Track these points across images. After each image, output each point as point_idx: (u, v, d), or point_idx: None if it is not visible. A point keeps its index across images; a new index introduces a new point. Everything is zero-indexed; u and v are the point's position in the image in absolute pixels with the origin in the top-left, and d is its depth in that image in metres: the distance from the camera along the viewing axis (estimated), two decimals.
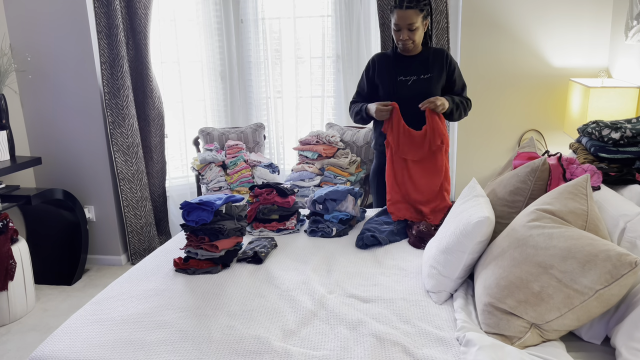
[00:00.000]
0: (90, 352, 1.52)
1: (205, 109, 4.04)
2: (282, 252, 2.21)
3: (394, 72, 2.60)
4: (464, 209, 1.85)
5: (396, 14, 2.45)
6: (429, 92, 2.54)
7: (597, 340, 1.51)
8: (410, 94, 2.55)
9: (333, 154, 3.52)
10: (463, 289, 1.78)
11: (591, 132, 2.17)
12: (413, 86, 2.56)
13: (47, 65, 3.37)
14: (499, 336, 1.51)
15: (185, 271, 2.03)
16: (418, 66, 2.58)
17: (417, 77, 2.57)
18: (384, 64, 2.64)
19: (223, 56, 3.94)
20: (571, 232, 1.49)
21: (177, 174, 4.07)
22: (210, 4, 3.83)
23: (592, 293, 1.38)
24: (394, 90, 2.58)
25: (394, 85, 2.58)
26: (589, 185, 1.64)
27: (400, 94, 2.57)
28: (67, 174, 3.54)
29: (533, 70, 3.23)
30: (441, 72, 2.57)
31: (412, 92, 2.56)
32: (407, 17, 2.43)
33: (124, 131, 3.41)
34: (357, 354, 1.49)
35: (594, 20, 3.09)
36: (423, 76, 2.57)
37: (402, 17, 2.44)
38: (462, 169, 3.44)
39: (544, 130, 3.31)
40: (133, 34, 3.42)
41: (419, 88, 2.56)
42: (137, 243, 3.60)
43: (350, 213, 2.47)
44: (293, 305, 1.76)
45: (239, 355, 1.50)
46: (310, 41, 3.86)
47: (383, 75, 2.64)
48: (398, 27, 2.47)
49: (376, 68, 2.66)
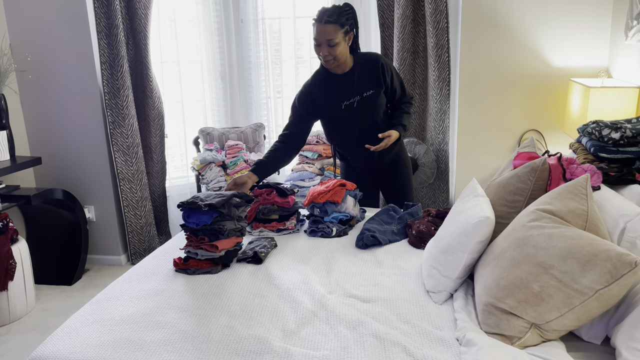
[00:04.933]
0: (90, 352, 1.52)
1: (205, 109, 4.04)
2: (282, 252, 2.21)
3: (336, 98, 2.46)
4: (464, 209, 1.85)
5: (315, 28, 2.30)
6: (376, 107, 2.47)
7: (597, 340, 1.51)
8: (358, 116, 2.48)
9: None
10: (463, 289, 1.78)
11: (591, 132, 2.17)
12: (359, 107, 2.47)
13: (47, 65, 3.37)
14: (499, 336, 1.51)
15: (185, 271, 2.03)
16: (356, 84, 2.44)
17: (361, 96, 2.45)
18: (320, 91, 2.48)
19: (223, 56, 3.94)
20: (571, 232, 1.49)
21: (177, 174, 4.07)
22: (210, 4, 3.83)
23: (592, 293, 1.38)
24: (340, 117, 2.49)
25: (339, 112, 2.48)
26: (589, 185, 1.64)
27: (347, 119, 2.48)
28: (67, 174, 3.54)
29: (533, 70, 3.22)
30: (380, 85, 2.47)
31: (359, 112, 2.48)
32: (326, 32, 2.27)
33: (124, 131, 3.41)
34: (357, 354, 1.49)
35: (594, 20, 3.09)
36: (366, 93, 2.45)
37: (320, 32, 2.28)
38: (462, 169, 3.44)
39: (544, 130, 3.31)
40: (133, 34, 3.42)
41: (365, 107, 2.48)
42: (137, 243, 3.60)
43: (350, 213, 2.46)
44: (293, 305, 1.76)
45: (239, 355, 1.50)
46: (310, 41, 3.86)
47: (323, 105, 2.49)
48: (317, 42, 2.31)
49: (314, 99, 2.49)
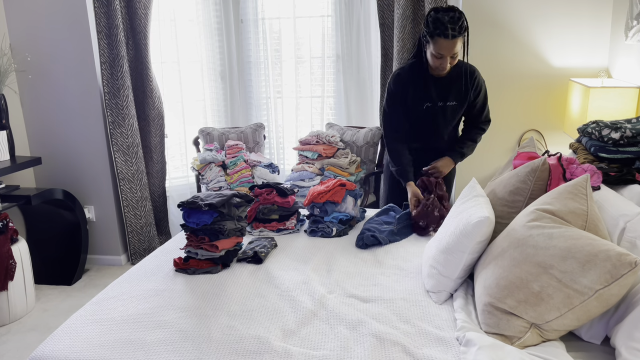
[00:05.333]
0: (90, 352, 1.52)
1: (205, 109, 4.04)
2: (282, 252, 2.21)
3: (422, 98, 2.50)
4: (464, 208, 1.85)
5: (439, 42, 2.25)
6: (453, 118, 2.54)
7: (597, 340, 1.51)
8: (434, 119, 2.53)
9: (333, 154, 3.51)
10: (463, 289, 1.78)
11: (591, 132, 2.17)
12: (438, 112, 2.52)
13: (47, 65, 3.37)
14: (498, 336, 1.51)
15: (185, 271, 2.03)
16: (445, 89, 2.49)
17: (444, 103, 2.50)
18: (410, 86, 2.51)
19: (223, 56, 3.94)
20: (571, 232, 1.49)
21: (177, 174, 4.07)
22: (210, 4, 3.83)
23: (592, 293, 1.38)
24: (419, 116, 2.53)
25: (421, 112, 2.52)
26: (588, 185, 1.64)
27: (426, 119, 2.53)
28: (67, 174, 3.54)
29: (533, 70, 3.22)
30: (465, 99, 2.52)
31: (437, 117, 2.53)
32: (453, 46, 2.25)
33: (124, 131, 3.41)
34: (357, 354, 1.49)
35: (594, 20, 3.09)
36: (449, 103, 2.50)
37: (447, 47, 2.26)
38: (462, 169, 3.44)
39: (544, 130, 3.31)
40: (133, 34, 3.42)
41: (444, 114, 2.52)
42: (137, 243, 3.60)
43: (350, 213, 2.46)
44: (293, 305, 1.76)
45: (239, 355, 1.50)
46: (310, 41, 3.86)
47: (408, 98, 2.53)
48: (440, 55, 2.29)
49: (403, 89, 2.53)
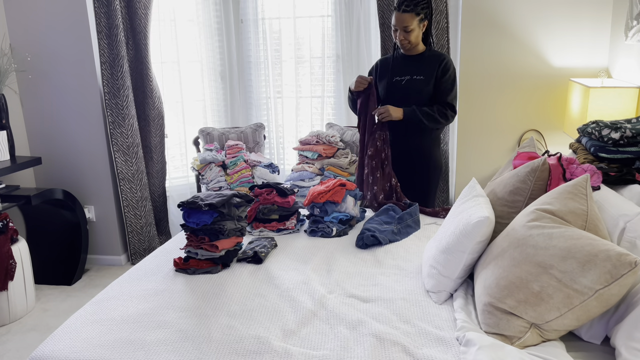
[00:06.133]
0: (90, 352, 1.52)
1: (205, 109, 4.04)
2: (282, 252, 2.21)
3: (391, 73, 2.76)
4: (464, 209, 1.85)
5: (394, 15, 2.62)
6: (420, 93, 2.66)
7: (597, 340, 1.51)
8: (403, 94, 2.69)
9: (333, 154, 3.51)
10: (463, 289, 1.78)
11: (591, 132, 2.17)
12: (406, 85, 2.69)
13: (47, 65, 3.38)
14: (498, 336, 1.51)
15: (185, 271, 2.03)
16: (413, 66, 2.71)
17: (411, 77, 2.69)
18: (384, 66, 2.82)
19: (223, 56, 3.94)
20: (571, 232, 1.49)
21: (177, 174, 4.07)
22: (210, 4, 3.83)
23: (592, 293, 1.38)
24: (389, 90, 2.75)
25: (390, 85, 2.74)
26: (588, 185, 1.64)
27: (395, 93, 2.71)
28: (67, 174, 3.54)
29: (533, 70, 3.22)
30: (432, 75, 2.66)
31: (405, 91, 2.69)
32: (403, 19, 2.58)
33: (124, 131, 3.41)
34: (357, 354, 1.49)
35: (594, 20, 3.09)
36: (416, 77, 2.68)
37: (398, 20, 2.60)
38: (462, 169, 3.44)
39: (544, 130, 3.31)
40: (133, 34, 3.42)
41: (411, 88, 2.68)
42: (137, 243, 3.60)
43: (350, 213, 2.46)
44: (293, 305, 1.76)
45: (239, 355, 1.50)
46: (310, 41, 3.86)
47: (382, 77, 2.81)
48: (395, 28, 2.64)
49: (378, 71, 2.84)
